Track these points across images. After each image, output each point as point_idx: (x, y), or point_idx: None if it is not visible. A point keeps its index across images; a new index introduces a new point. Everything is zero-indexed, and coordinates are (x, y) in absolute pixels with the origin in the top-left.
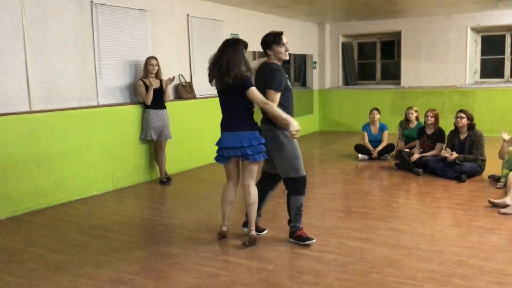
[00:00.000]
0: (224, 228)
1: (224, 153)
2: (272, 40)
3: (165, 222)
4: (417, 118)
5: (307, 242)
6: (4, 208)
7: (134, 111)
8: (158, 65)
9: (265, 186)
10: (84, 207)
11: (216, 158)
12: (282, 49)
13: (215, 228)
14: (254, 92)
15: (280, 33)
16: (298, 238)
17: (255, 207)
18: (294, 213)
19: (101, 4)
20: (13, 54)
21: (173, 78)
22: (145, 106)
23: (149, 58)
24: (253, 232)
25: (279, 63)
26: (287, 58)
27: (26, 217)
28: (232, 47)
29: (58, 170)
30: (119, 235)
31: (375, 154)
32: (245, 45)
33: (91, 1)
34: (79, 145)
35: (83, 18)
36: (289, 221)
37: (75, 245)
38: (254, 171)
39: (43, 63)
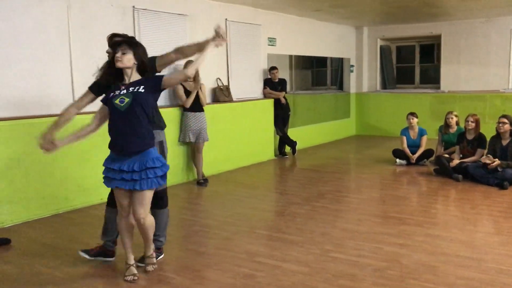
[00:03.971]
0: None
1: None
2: None
3: (201, 223)
4: (457, 123)
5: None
6: (49, 206)
7: (173, 113)
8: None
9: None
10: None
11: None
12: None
13: (251, 230)
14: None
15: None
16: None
17: None
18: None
19: (143, 9)
20: (59, 58)
21: (198, 81)
22: (184, 109)
23: (188, 62)
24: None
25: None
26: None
27: (69, 215)
28: None
29: (101, 169)
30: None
31: (413, 160)
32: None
33: (133, 6)
34: None
35: (125, 23)
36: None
37: (117, 243)
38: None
39: (88, 67)
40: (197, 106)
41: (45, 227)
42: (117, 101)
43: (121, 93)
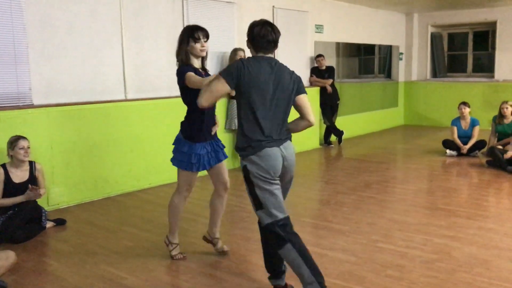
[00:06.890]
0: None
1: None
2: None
3: (248, 209)
4: None
5: None
6: (100, 189)
7: (220, 101)
8: (244, 57)
9: None
10: (173, 191)
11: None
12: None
13: (297, 218)
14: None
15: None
16: None
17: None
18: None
19: None
20: (112, 46)
21: None
22: (230, 97)
23: (236, 50)
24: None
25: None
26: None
27: (120, 198)
28: None
29: (150, 155)
30: (205, 219)
31: (464, 150)
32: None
33: None
34: (168, 132)
35: (175, 12)
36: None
37: (164, 226)
38: None
39: (138, 55)
40: None
41: (97, 209)
42: None
43: None
